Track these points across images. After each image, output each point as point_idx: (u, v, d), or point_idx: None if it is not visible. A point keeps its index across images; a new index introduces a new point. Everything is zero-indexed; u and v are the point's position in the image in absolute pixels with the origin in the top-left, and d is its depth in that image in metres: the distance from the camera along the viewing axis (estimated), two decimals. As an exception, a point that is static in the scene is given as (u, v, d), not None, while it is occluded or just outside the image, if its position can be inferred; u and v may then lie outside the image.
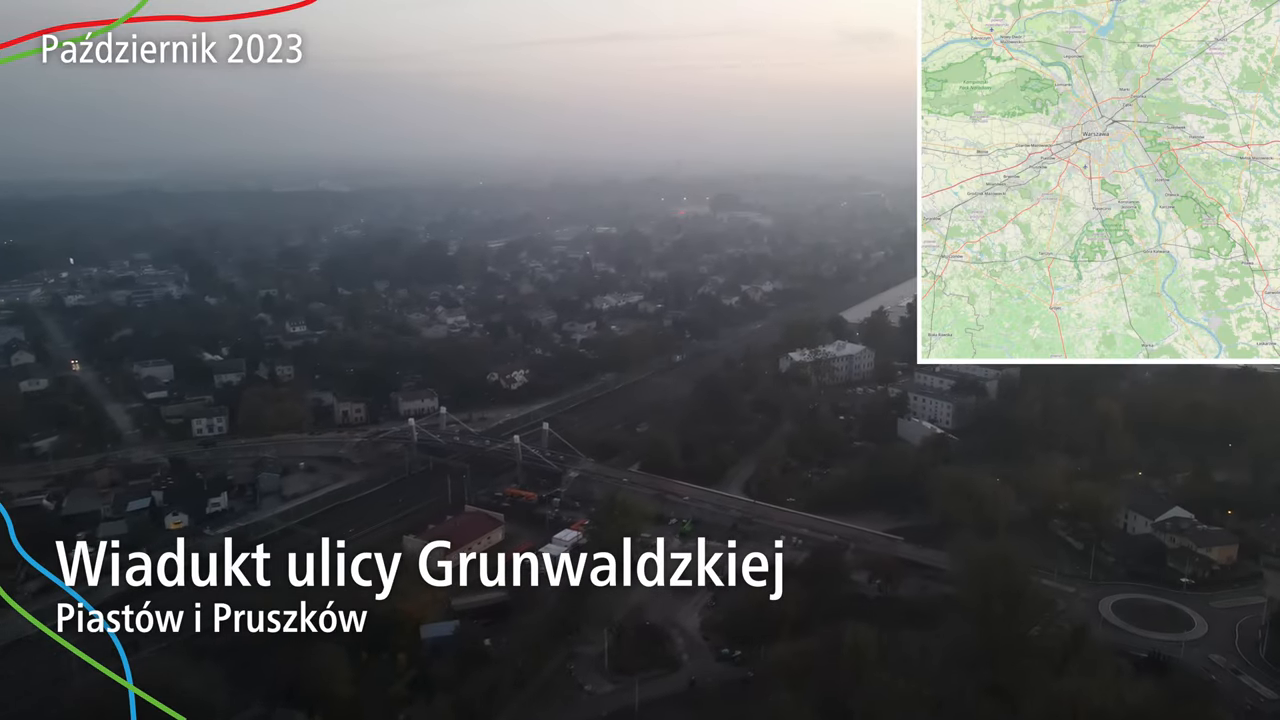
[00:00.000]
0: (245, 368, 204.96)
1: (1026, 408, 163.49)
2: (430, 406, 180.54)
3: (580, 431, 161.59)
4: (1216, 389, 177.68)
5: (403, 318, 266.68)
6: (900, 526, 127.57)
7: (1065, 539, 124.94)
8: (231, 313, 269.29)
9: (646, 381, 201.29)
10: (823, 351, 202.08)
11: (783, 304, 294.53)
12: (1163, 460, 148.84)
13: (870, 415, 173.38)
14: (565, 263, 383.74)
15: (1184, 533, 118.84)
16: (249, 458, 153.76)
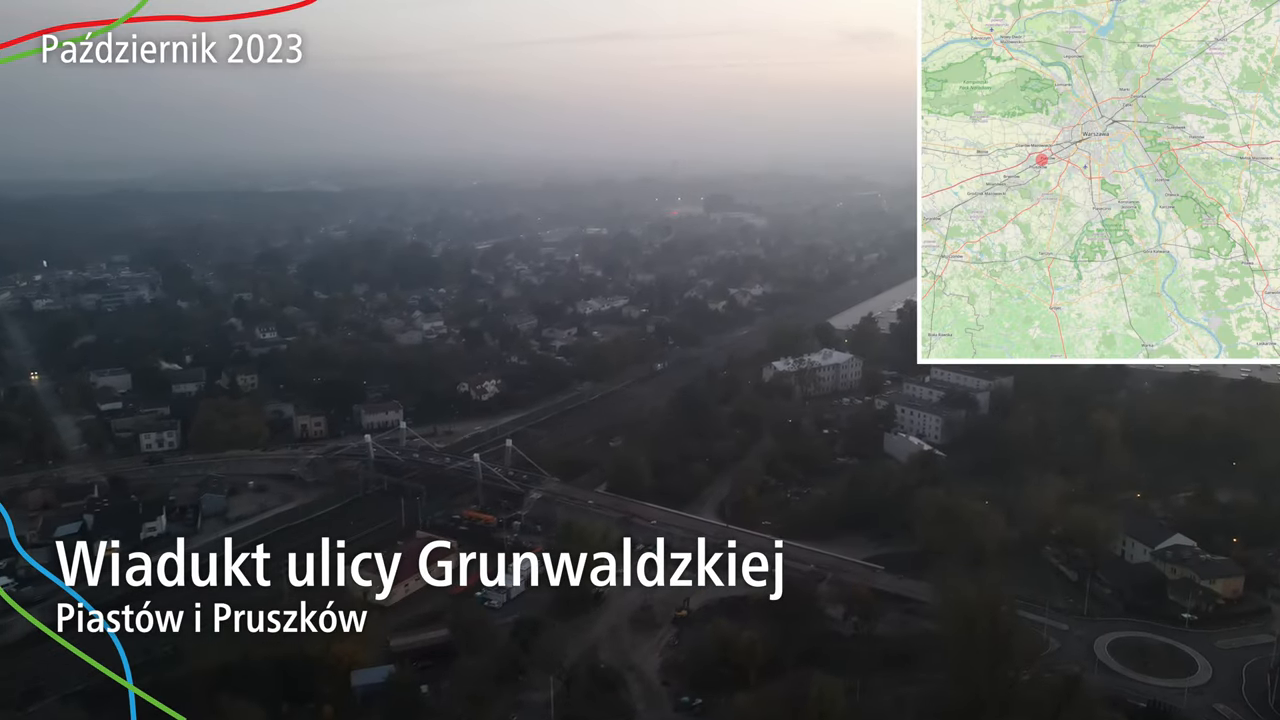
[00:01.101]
0: (206, 377, 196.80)
1: (1019, 422, 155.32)
2: (395, 419, 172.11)
3: (548, 447, 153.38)
4: (1218, 399, 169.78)
5: (378, 323, 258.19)
6: (881, 554, 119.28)
7: (1059, 568, 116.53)
8: (201, 318, 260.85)
9: (624, 391, 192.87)
10: (808, 361, 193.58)
11: (771, 308, 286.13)
12: (1162, 478, 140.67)
13: (855, 429, 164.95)
14: (552, 265, 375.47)
15: (1186, 563, 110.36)
16: (196, 476, 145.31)
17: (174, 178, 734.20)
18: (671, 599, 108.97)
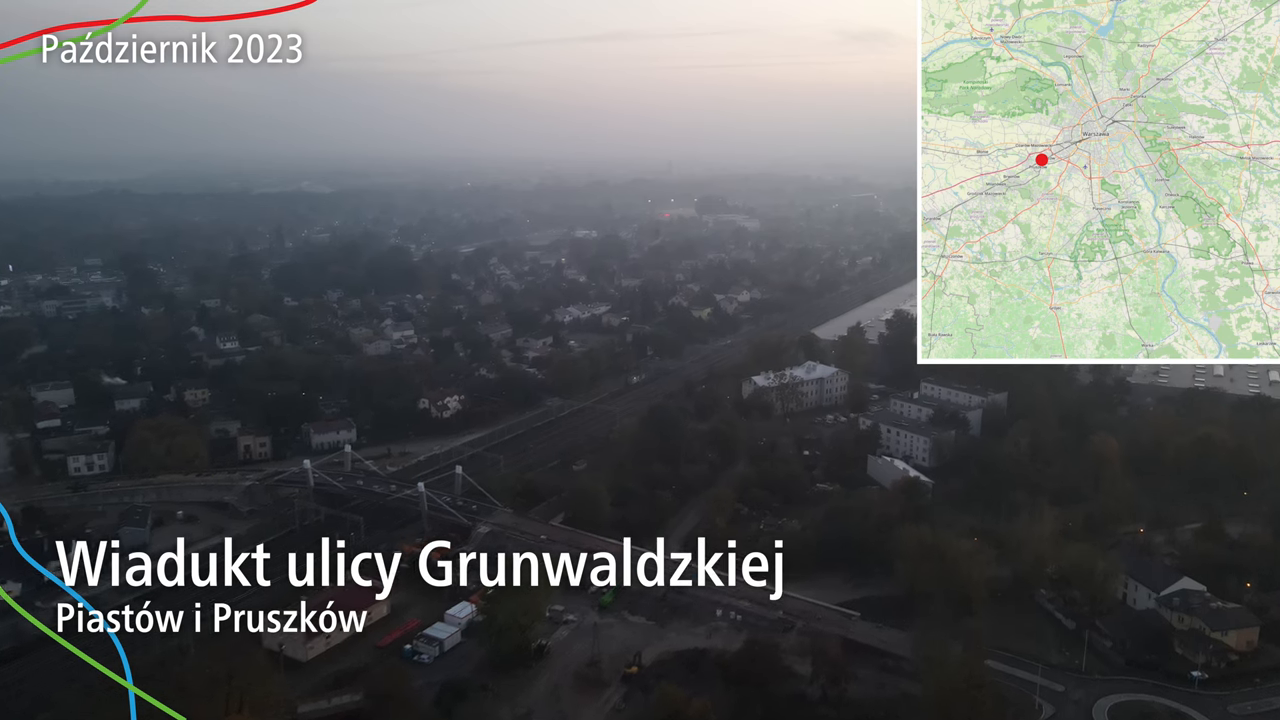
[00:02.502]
0: (153, 391, 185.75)
1: (1012, 444, 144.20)
2: (346, 439, 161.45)
3: (505, 472, 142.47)
4: (1226, 418, 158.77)
5: (346, 332, 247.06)
6: (859, 598, 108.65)
7: (1054, 614, 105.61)
8: (162, 326, 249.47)
9: (596, 408, 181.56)
10: (790, 375, 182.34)
11: (759, 315, 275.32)
12: (1167, 507, 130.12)
13: (837, 451, 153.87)
14: (536, 269, 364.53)
15: (1195, 611, 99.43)
16: (120, 505, 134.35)
17: (166, 179, 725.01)
18: (624, 650, 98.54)
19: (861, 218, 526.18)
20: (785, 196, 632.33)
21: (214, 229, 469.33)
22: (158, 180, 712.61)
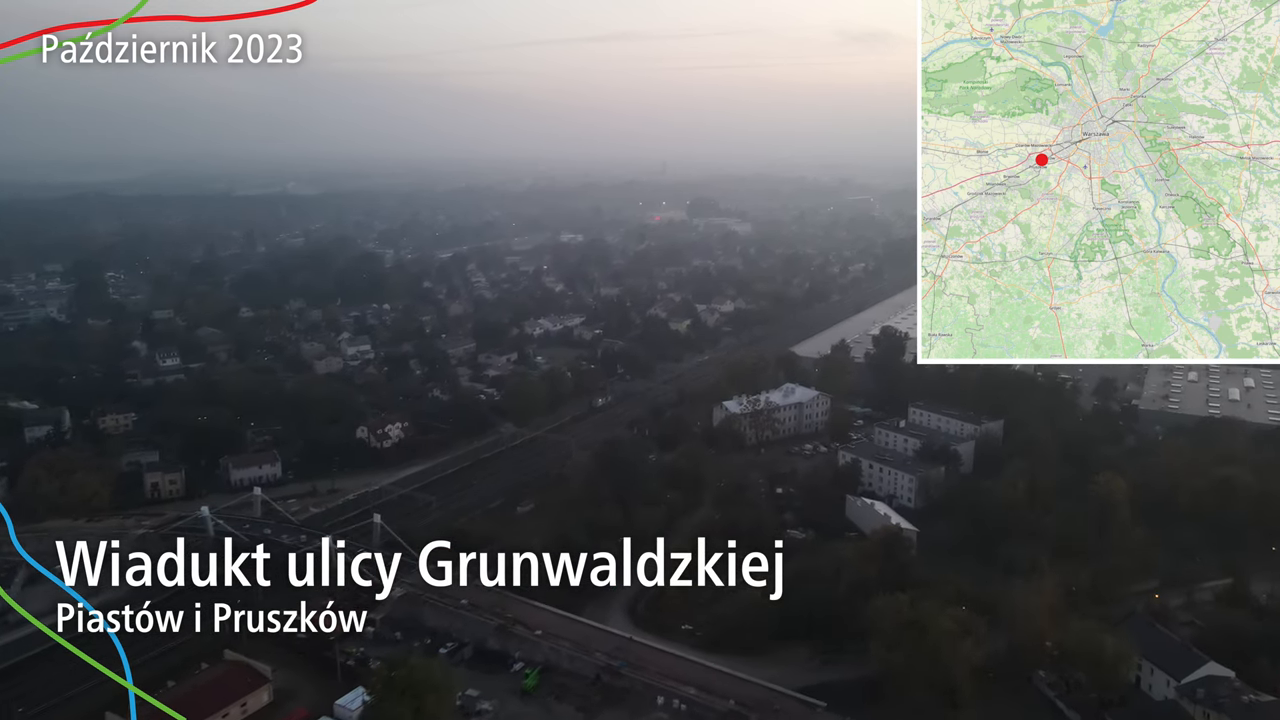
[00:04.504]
0: (70, 417, 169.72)
1: (1009, 486, 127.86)
2: (270, 474, 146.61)
3: (437, 516, 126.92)
4: (1244, 453, 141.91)
5: (298, 347, 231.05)
6: (826, 681, 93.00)
7: (1055, 703, 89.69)
8: (104, 340, 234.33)
9: (550, 437, 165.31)
10: (765, 400, 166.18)
11: (740, 328, 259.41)
12: (1184, 564, 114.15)
13: (812, 490, 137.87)
14: (514, 277, 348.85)
15: (1223, 707, 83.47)
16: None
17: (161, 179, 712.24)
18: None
19: (856, 222, 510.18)
20: (780, 199, 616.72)
21: (186, 233, 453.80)
22: (153, 181, 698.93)
